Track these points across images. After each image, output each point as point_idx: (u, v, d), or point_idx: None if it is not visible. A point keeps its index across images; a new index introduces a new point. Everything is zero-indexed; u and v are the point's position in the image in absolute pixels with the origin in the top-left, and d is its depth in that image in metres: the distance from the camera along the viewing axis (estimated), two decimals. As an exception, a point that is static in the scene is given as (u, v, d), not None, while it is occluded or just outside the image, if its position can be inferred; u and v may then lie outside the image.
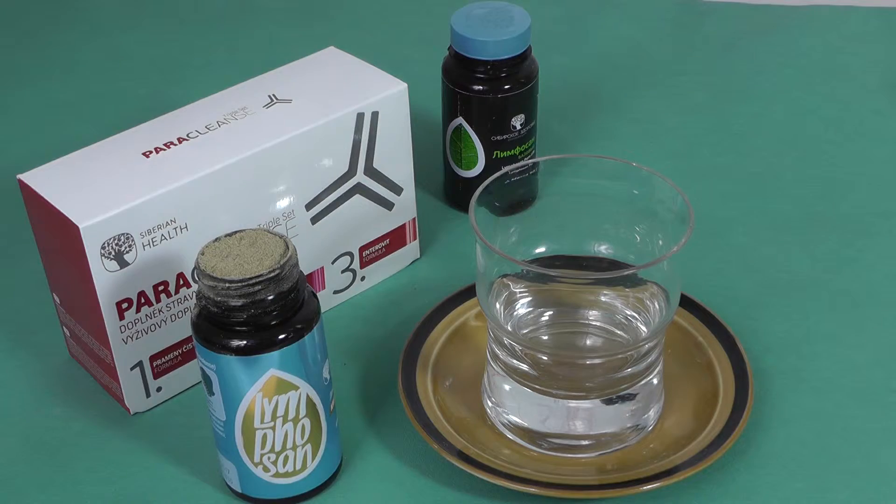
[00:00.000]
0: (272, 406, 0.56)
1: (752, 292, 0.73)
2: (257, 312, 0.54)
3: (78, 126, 0.89)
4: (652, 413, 0.63)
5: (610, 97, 0.92)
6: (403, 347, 0.66)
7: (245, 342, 0.54)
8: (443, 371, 0.66)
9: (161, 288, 0.63)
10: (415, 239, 0.75)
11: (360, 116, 0.68)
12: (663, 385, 0.63)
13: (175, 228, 0.62)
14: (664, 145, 0.87)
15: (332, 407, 0.59)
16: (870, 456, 0.62)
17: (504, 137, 0.76)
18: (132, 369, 0.64)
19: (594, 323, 0.63)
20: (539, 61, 0.76)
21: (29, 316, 0.72)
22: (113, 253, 0.60)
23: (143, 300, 0.63)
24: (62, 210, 0.60)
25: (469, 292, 0.69)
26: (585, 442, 0.61)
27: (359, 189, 0.70)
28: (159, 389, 0.66)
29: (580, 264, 0.64)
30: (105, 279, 0.61)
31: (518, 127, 0.76)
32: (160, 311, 0.64)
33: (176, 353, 0.66)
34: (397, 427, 0.64)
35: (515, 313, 0.63)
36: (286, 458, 0.58)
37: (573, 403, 0.61)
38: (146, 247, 0.61)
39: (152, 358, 0.65)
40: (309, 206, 0.68)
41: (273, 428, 0.57)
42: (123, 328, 0.63)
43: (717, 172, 0.84)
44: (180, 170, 0.62)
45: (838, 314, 0.71)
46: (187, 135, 0.65)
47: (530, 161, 0.64)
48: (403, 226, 0.74)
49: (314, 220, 0.69)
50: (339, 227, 0.70)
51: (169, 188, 0.61)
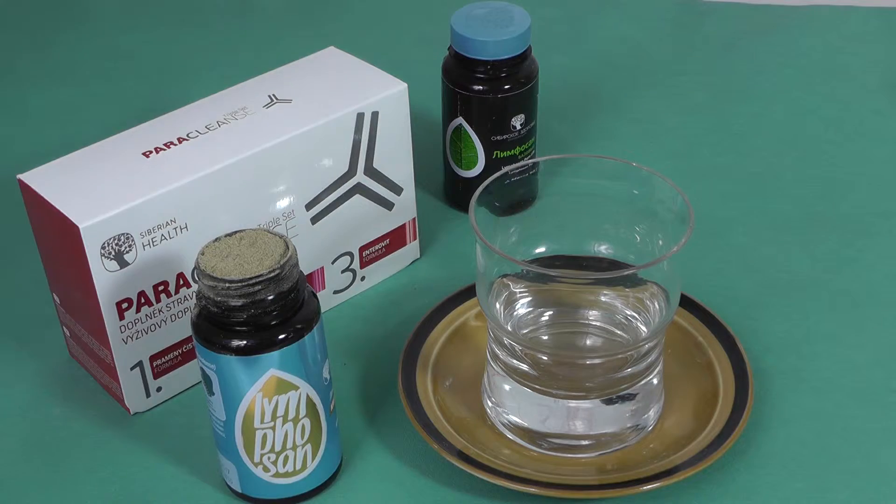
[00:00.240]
0: (272, 406, 0.56)
1: (752, 292, 0.73)
2: (257, 312, 0.54)
3: (78, 126, 0.89)
4: (652, 413, 0.63)
5: (610, 97, 0.92)
6: (403, 347, 0.66)
7: (245, 342, 0.54)
8: (443, 371, 0.66)
9: (161, 288, 0.63)
10: (415, 239, 0.75)
11: (360, 116, 0.68)
12: (663, 385, 0.63)
13: (175, 228, 0.62)
14: (664, 145, 0.87)
15: (332, 407, 0.59)
16: (870, 456, 0.62)
17: (504, 137, 0.76)
18: (132, 369, 0.64)
19: (594, 323, 0.63)
20: (539, 61, 0.76)
21: (29, 316, 0.72)
22: (113, 253, 0.60)
23: (143, 300, 0.63)
24: (62, 210, 0.60)
25: (469, 292, 0.69)
26: (585, 442, 0.61)
27: (359, 189, 0.70)
28: (159, 389, 0.66)
29: (580, 264, 0.64)
30: (105, 279, 0.61)
31: (518, 127, 0.76)
32: (160, 311, 0.64)
33: (176, 353, 0.66)
34: (397, 427, 0.64)
35: (515, 313, 0.63)
36: (286, 458, 0.58)
37: (573, 403, 0.61)
38: (146, 247, 0.61)
39: (152, 358, 0.65)
40: (309, 206, 0.68)
41: (273, 428, 0.57)
42: (123, 328, 0.63)
43: (717, 172, 0.84)
44: (180, 170, 0.62)
45: (838, 314, 0.71)
46: (187, 135, 0.65)
47: (530, 161, 0.64)
48: (403, 226, 0.74)
49: (314, 220, 0.69)
50: (339, 227, 0.70)
51: (169, 188, 0.61)
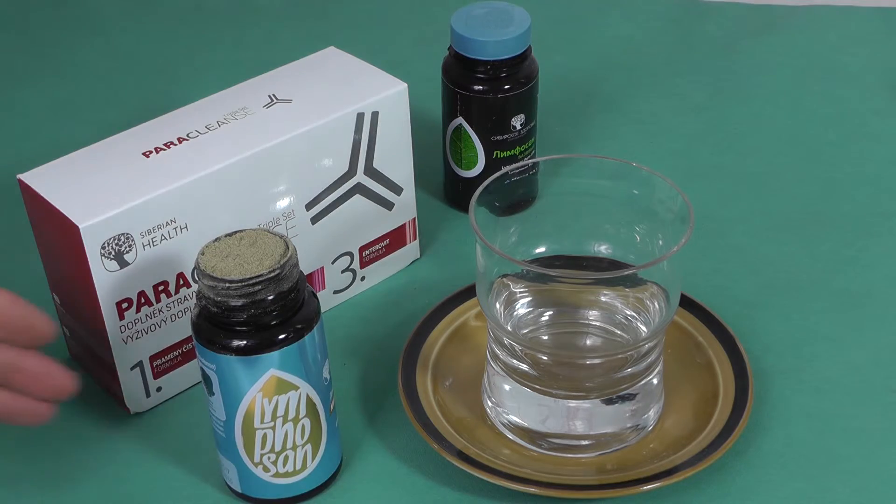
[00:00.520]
0: (272, 406, 0.56)
1: (752, 292, 0.73)
2: (257, 312, 0.54)
3: (78, 126, 0.89)
4: (652, 413, 0.63)
5: (610, 97, 0.92)
6: (403, 347, 0.66)
7: (245, 342, 0.54)
8: (443, 371, 0.66)
9: (161, 288, 0.63)
10: (415, 239, 0.75)
11: (360, 116, 0.68)
12: (663, 385, 0.63)
13: (175, 228, 0.62)
14: (664, 145, 0.87)
15: (332, 407, 0.59)
16: (870, 456, 0.62)
17: (504, 137, 0.76)
18: (132, 369, 0.64)
19: (594, 323, 0.63)
20: (539, 61, 0.76)
21: (29, 316, 0.72)
22: (113, 253, 0.60)
23: (143, 300, 0.63)
24: (62, 210, 0.60)
25: (469, 292, 0.69)
26: (585, 442, 0.61)
27: (359, 189, 0.70)
28: (159, 389, 0.66)
29: (580, 264, 0.64)
30: (105, 279, 0.61)
31: (518, 127, 0.76)
32: (160, 311, 0.64)
33: (176, 353, 0.66)
34: (397, 427, 0.64)
35: (515, 313, 0.63)
36: (286, 458, 0.58)
37: (573, 403, 0.61)
38: (146, 247, 0.61)
39: (152, 358, 0.65)
40: (309, 206, 0.68)
41: (273, 428, 0.57)
42: (123, 328, 0.63)
43: (717, 172, 0.84)
44: (180, 170, 0.62)
45: (838, 314, 0.71)
46: (187, 135, 0.65)
47: (530, 161, 0.64)
48: (403, 226, 0.74)
49: (314, 220, 0.68)
50: (339, 227, 0.70)
51: (169, 188, 0.61)
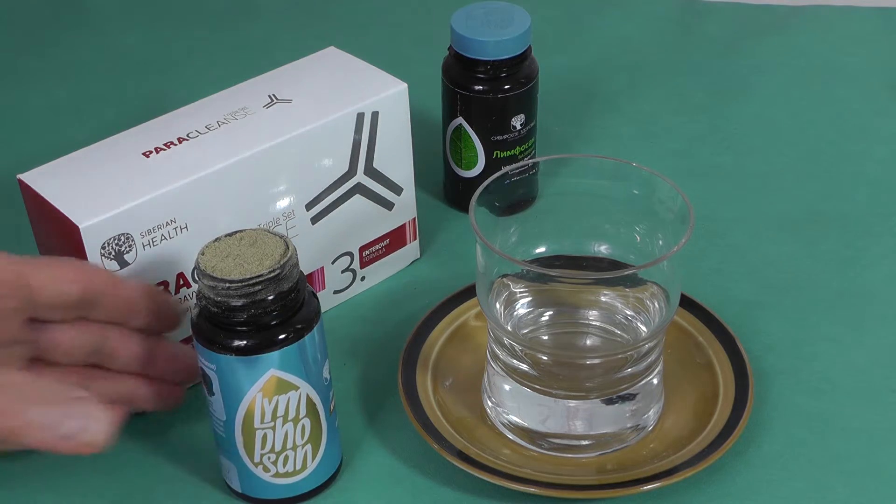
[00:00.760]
0: (272, 406, 0.56)
1: (752, 292, 0.73)
2: (257, 312, 0.54)
3: (78, 126, 0.89)
4: (652, 413, 0.63)
5: (610, 97, 0.92)
6: (403, 347, 0.66)
7: (245, 342, 0.54)
8: (443, 371, 0.66)
9: (161, 288, 0.63)
10: (415, 239, 0.75)
11: (360, 116, 0.68)
12: (663, 385, 0.63)
13: (175, 228, 0.62)
14: (664, 145, 0.87)
15: (332, 407, 0.59)
16: (870, 456, 0.62)
17: (504, 137, 0.76)
18: (132, 369, 0.64)
19: (594, 323, 0.63)
20: (539, 61, 0.76)
21: (29, 316, 0.72)
22: (113, 253, 0.60)
23: (143, 300, 0.63)
24: (62, 210, 0.60)
25: (469, 292, 0.69)
26: (585, 442, 0.61)
27: (359, 189, 0.70)
28: (159, 389, 0.66)
29: (580, 264, 0.64)
30: (105, 279, 0.61)
31: (518, 127, 0.76)
32: (160, 311, 0.64)
33: (176, 353, 0.66)
34: (397, 427, 0.64)
35: (515, 313, 0.63)
36: (286, 458, 0.58)
37: (573, 403, 0.61)
38: (146, 247, 0.61)
39: (152, 358, 0.65)
40: (309, 206, 0.68)
41: (273, 428, 0.57)
42: (123, 328, 0.63)
43: (717, 172, 0.84)
44: (180, 170, 0.62)
45: (838, 314, 0.71)
46: (187, 135, 0.65)
47: (530, 161, 0.64)
48: (403, 226, 0.74)
49: (314, 220, 0.68)
50: (339, 227, 0.70)
51: (169, 188, 0.61)
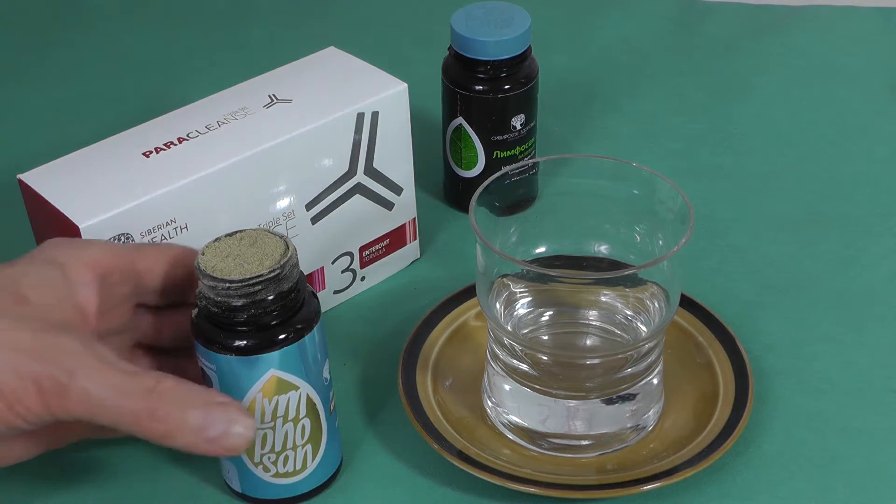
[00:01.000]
0: (272, 406, 0.56)
1: (752, 292, 0.73)
2: (258, 312, 0.54)
3: (78, 126, 0.89)
4: (652, 413, 0.63)
5: (610, 97, 0.92)
6: (403, 347, 0.66)
7: (245, 342, 0.54)
8: (443, 371, 0.66)
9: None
10: (415, 239, 0.75)
11: (360, 116, 0.68)
12: (663, 385, 0.63)
13: (175, 228, 0.62)
14: (664, 145, 0.87)
15: (332, 407, 0.59)
16: (870, 456, 0.62)
17: (504, 137, 0.76)
18: (132, 369, 0.64)
19: (594, 323, 0.63)
20: (539, 61, 0.76)
21: (29, 316, 0.72)
22: (113, 253, 0.60)
23: (143, 300, 0.63)
24: (62, 210, 0.60)
25: (469, 292, 0.69)
26: (585, 442, 0.61)
27: (359, 189, 0.70)
28: (159, 389, 0.66)
29: (580, 264, 0.64)
30: (105, 279, 0.61)
31: (518, 127, 0.76)
32: (160, 311, 0.64)
33: (176, 353, 0.66)
34: (397, 427, 0.64)
35: (515, 313, 0.63)
36: (286, 458, 0.58)
37: (573, 403, 0.61)
38: (146, 247, 0.61)
39: (152, 358, 0.65)
40: (309, 206, 0.68)
41: (273, 428, 0.57)
42: (123, 328, 0.63)
43: (717, 172, 0.84)
44: (180, 170, 0.62)
45: (838, 314, 0.71)
46: (187, 135, 0.65)
47: (530, 161, 0.64)
48: (403, 226, 0.74)
49: (314, 220, 0.68)
50: (339, 227, 0.70)
51: (169, 188, 0.61)
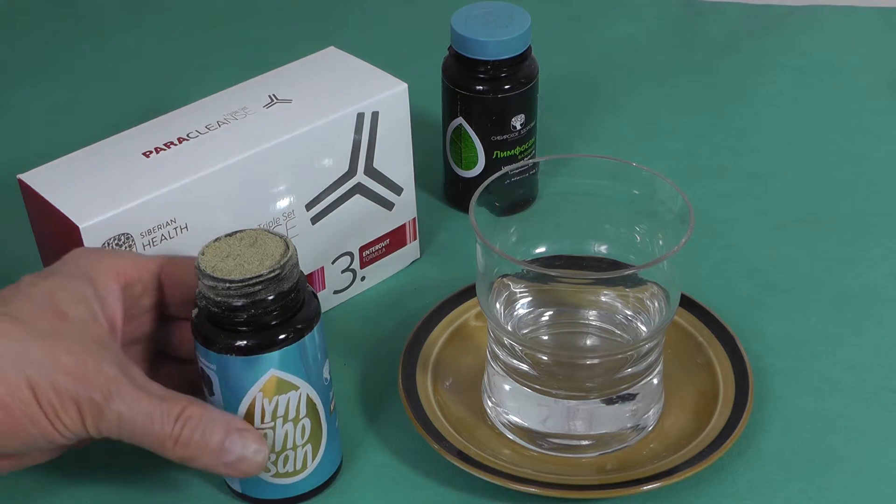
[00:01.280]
0: (272, 406, 0.56)
1: (752, 292, 0.73)
2: (258, 312, 0.54)
3: (78, 126, 0.89)
4: (652, 413, 0.63)
5: (610, 97, 0.92)
6: (403, 347, 0.66)
7: (245, 342, 0.54)
8: (443, 371, 0.66)
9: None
10: (415, 239, 0.75)
11: (360, 116, 0.68)
12: (663, 385, 0.63)
13: (175, 228, 0.62)
14: (664, 145, 0.87)
15: (332, 407, 0.59)
16: (870, 456, 0.62)
17: (504, 137, 0.76)
18: (132, 369, 0.64)
19: (594, 323, 0.63)
20: (539, 61, 0.76)
21: (29, 316, 0.72)
22: (113, 253, 0.60)
23: (144, 300, 0.63)
24: (62, 210, 0.60)
25: (469, 292, 0.69)
26: (585, 442, 0.61)
27: (359, 189, 0.70)
28: (159, 389, 0.66)
29: (580, 264, 0.64)
30: (105, 279, 0.61)
31: (518, 127, 0.76)
32: (160, 311, 0.64)
33: (176, 353, 0.66)
34: (397, 427, 0.64)
35: (515, 313, 0.63)
36: (286, 458, 0.58)
37: (573, 403, 0.61)
38: (146, 247, 0.61)
39: (152, 358, 0.65)
40: (309, 206, 0.68)
41: (273, 428, 0.57)
42: (123, 328, 0.63)
43: (717, 172, 0.84)
44: (180, 170, 0.62)
45: (838, 314, 0.71)
46: (187, 135, 0.65)
47: (530, 161, 0.64)
48: (403, 226, 0.74)
49: (314, 220, 0.68)
50: (339, 227, 0.70)
51: (169, 188, 0.61)
